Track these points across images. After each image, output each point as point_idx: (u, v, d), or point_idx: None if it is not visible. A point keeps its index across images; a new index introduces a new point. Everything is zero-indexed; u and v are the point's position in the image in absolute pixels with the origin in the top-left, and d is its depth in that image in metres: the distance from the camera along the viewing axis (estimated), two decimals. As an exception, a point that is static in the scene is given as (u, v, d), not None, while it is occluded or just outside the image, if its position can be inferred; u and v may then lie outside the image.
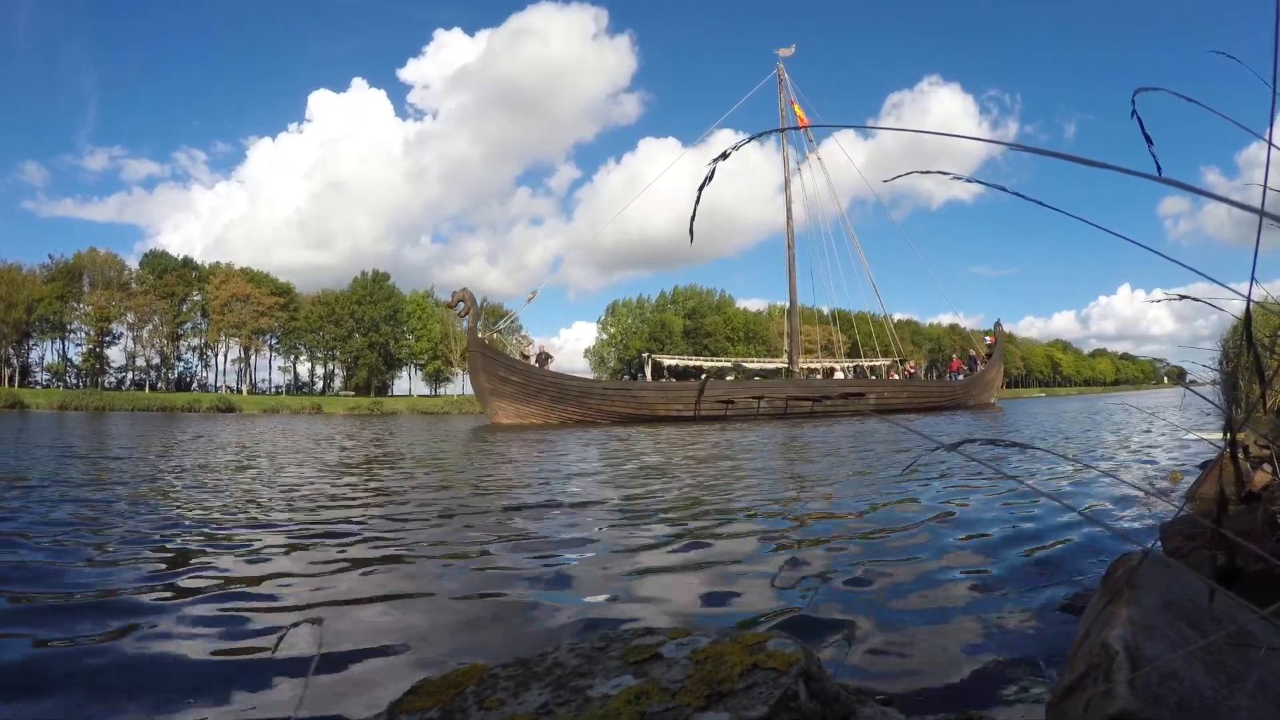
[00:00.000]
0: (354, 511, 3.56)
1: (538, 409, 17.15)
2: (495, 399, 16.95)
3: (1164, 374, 17.04)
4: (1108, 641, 0.83)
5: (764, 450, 7.42)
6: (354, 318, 68.27)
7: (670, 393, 19.10)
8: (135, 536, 2.86)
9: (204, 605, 1.89)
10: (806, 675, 0.82)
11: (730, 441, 8.99)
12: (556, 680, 0.87)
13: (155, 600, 1.94)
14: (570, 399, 17.59)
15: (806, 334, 41.35)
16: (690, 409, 18.36)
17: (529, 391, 17.15)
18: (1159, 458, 5.33)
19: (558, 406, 17.32)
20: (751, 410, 19.09)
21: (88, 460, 6.80)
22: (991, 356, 25.98)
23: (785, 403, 19.44)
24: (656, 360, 23.36)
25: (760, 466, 5.72)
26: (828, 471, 5.11)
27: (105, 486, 4.62)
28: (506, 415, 16.93)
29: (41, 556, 2.49)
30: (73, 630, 1.69)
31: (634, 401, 18.28)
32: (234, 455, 7.67)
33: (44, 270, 61.92)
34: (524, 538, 2.82)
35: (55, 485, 4.66)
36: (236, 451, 8.29)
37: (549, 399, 17.30)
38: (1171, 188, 0.55)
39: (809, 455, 6.62)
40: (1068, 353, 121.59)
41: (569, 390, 17.81)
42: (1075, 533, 2.57)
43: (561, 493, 4.20)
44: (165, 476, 5.32)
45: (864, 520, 3.04)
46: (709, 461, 6.14)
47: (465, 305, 16.95)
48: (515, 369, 17.28)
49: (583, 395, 17.87)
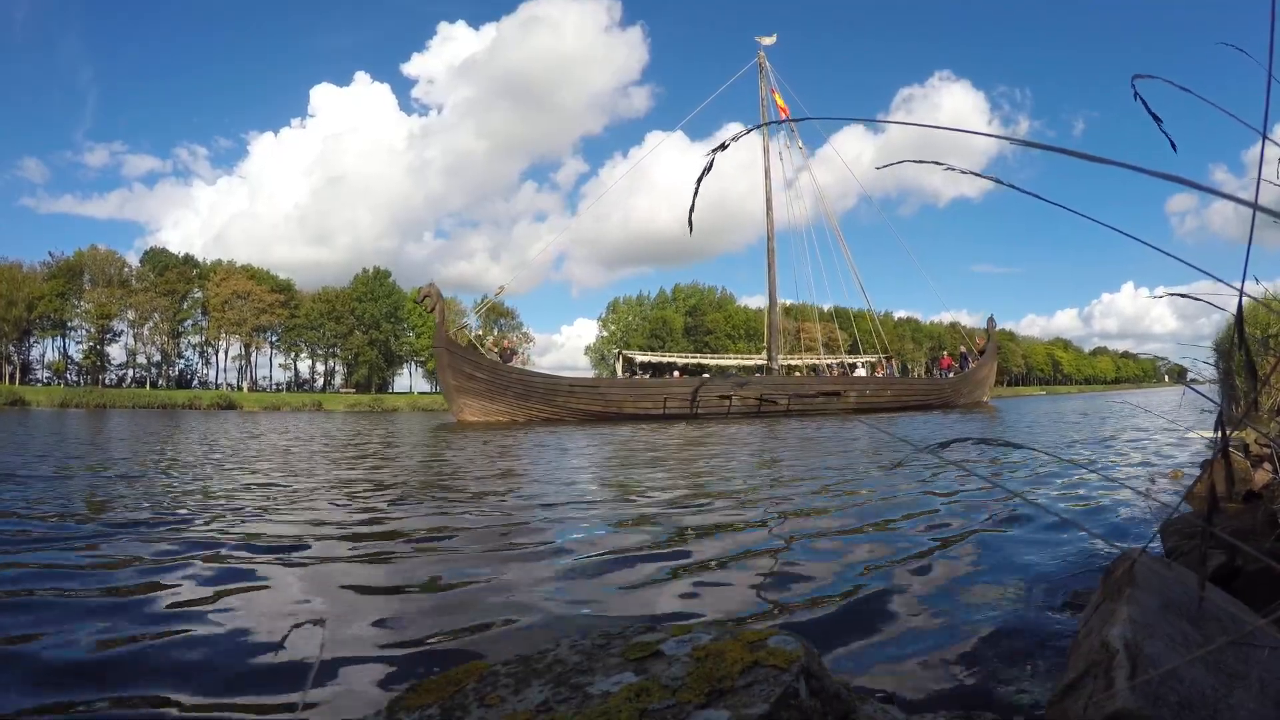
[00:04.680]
0: (350, 511, 3.56)
1: (504, 406, 16.94)
2: (461, 396, 16.74)
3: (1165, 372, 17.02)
4: (1107, 640, 0.83)
5: (726, 453, 7.42)
6: (355, 315, 68.30)
7: (639, 390, 18.81)
8: (134, 535, 2.86)
9: (203, 606, 1.90)
10: (807, 673, 0.82)
11: (695, 439, 8.99)
12: (557, 677, 0.87)
13: (154, 599, 1.94)
14: (537, 396, 17.33)
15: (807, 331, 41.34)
16: (660, 408, 18.11)
17: (495, 389, 16.92)
18: (1159, 456, 5.33)
19: (524, 404, 17.11)
20: (722, 409, 18.65)
21: (88, 458, 6.81)
22: (984, 353, 25.03)
23: (759, 402, 18.97)
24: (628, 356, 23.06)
25: (737, 464, 5.72)
26: (813, 468, 5.11)
27: (105, 482, 4.62)
28: (473, 413, 16.74)
29: (33, 557, 2.50)
30: (67, 626, 1.70)
31: (601, 399, 18.01)
32: (221, 454, 7.68)
33: (44, 268, 61.98)
34: (521, 535, 2.82)
35: (53, 481, 4.67)
36: (225, 450, 8.30)
37: (515, 396, 17.08)
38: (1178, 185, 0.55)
39: (784, 452, 6.62)
40: (1068, 351, 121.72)
41: (535, 388, 17.54)
42: (1074, 531, 2.57)
43: (556, 491, 4.21)
44: (164, 473, 5.33)
45: (859, 519, 3.04)
46: (692, 457, 6.15)
47: (431, 301, 16.74)
48: (481, 366, 17.02)
49: (549, 393, 17.59)
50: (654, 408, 18.11)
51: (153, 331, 64.30)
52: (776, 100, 23.79)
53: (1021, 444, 1.16)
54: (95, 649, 1.55)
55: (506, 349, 19.68)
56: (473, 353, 17.40)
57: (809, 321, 37.42)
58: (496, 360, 17.80)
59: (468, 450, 7.84)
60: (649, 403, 18.20)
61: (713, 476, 4.84)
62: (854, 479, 4.47)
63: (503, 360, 18.21)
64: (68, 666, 1.46)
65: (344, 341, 68.61)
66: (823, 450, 6.85)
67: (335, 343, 69.26)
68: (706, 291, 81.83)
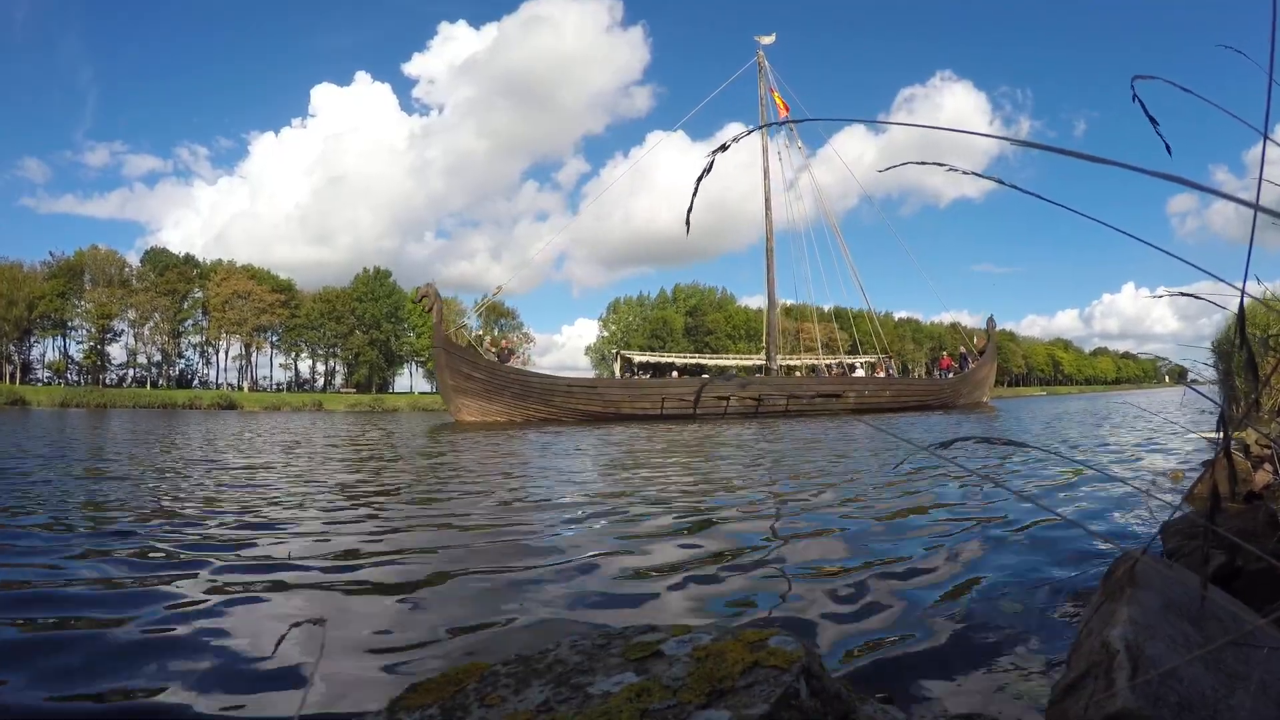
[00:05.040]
0: (348, 511, 3.56)
1: (502, 406, 16.93)
2: (459, 396, 16.74)
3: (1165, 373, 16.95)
4: (1108, 640, 0.83)
5: (725, 453, 7.42)
6: (355, 315, 68.29)
7: (636, 391, 18.79)
8: (132, 535, 2.86)
9: (202, 607, 1.90)
10: (807, 673, 0.82)
11: (693, 443, 8.98)
12: (557, 677, 0.87)
13: (153, 601, 1.94)
14: (534, 396, 17.32)
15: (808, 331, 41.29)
16: (657, 408, 18.09)
17: (492, 389, 16.91)
18: (1160, 457, 5.33)
19: (522, 404, 17.09)
20: (721, 409, 18.62)
21: (89, 458, 6.81)
22: (984, 354, 24.82)
23: (757, 402, 18.91)
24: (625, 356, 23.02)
25: (737, 465, 5.72)
26: (814, 469, 5.11)
27: (105, 480, 4.62)
28: (470, 413, 16.73)
29: (32, 559, 2.50)
30: (65, 627, 1.70)
31: (599, 400, 18.00)
32: (220, 455, 7.68)
33: (45, 267, 61.99)
34: (522, 536, 2.82)
35: (50, 482, 4.67)
36: (224, 451, 8.30)
37: (512, 396, 17.07)
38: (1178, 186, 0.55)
39: (784, 453, 6.62)
40: (1069, 351, 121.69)
41: (533, 388, 17.53)
42: (1075, 532, 2.57)
43: (556, 491, 4.21)
44: (164, 473, 5.33)
45: (858, 519, 3.04)
46: (691, 457, 6.14)
47: (429, 301, 16.74)
48: (479, 366, 17.00)
49: (547, 393, 17.57)
50: (652, 408, 18.09)
51: (153, 331, 64.30)
52: (776, 99, 23.72)
53: (1024, 443, 1.16)
54: (94, 651, 1.55)
55: (504, 349, 19.61)
56: (470, 353, 17.37)
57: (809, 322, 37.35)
58: (494, 360, 17.79)
59: (467, 451, 7.84)
60: (647, 403, 18.18)
61: (712, 477, 4.84)
62: (854, 479, 4.47)
63: (500, 360, 18.18)
64: (67, 668, 1.46)
65: (344, 341, 68.60)
66: (823, 451, 6.85)
67: (336, 343, 69.24)
68: (707, 292, 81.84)
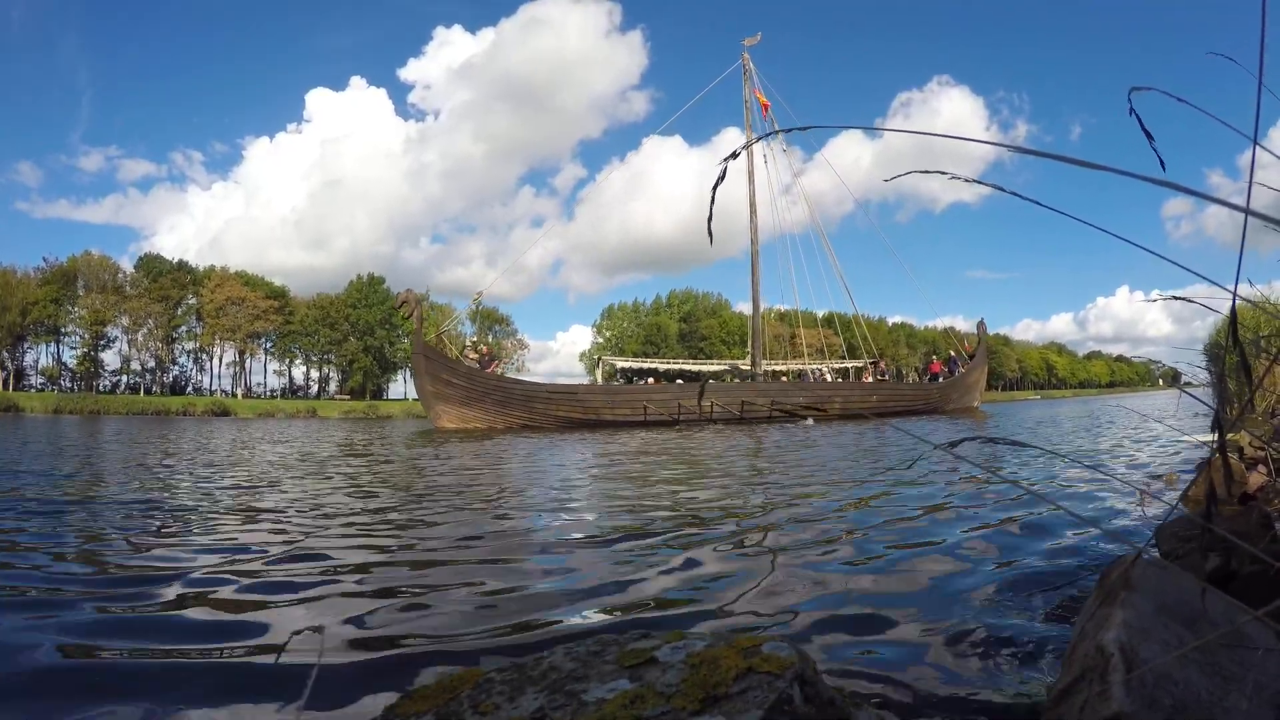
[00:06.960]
0: (345, 518, 3.55)
1: (481, 413, 16.85)
2: (439, 402, 16.66)
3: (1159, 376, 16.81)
4: (1103, 644, 0.83)
5: (715, 458, 7.42)
6: (349, 321, 68.18)
7: (617, 397, 18.77)
8: (131, 539, 2.84)
9: (199, 613, 1.88)
10: (801, 679, 0.82)
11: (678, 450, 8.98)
12: (552, 684, 0.86)
13: (153, 602, 1.93)
14: (515, 403, 17.27)
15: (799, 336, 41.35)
16: (640, 414, 18.07)
17: (473, 395, 16.84)
18: (1154, 459, 5.35)
19: (502, 410, 17.04)
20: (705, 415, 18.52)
21: (87, 462, 6.77)
22: (974, 358, 24.57)
23: (741, 407, 18.86)
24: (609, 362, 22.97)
25: (729, 469, 5.72)
26: (804, 472, 5.11)
27: (100, 485, 4.59)
28: (450, 419, 16.65)
29: (24, 559, 2.48)
30: (62, 635, 1.68)
31: (580, 406, 17.95)
32: (214, 461, 7.64)
33: (38, 273, 61.79)
34: (514, 543, 2.81)
35: (47, 485, 4.63)
36: (218, 457, 8.26)
37: (493, 403, 17.00)
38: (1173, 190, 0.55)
39: (775, 458, 6.62)
40: (1063, 355, 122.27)
41: (513, 394, 17.50)
42: (1069, 535, 2.58)
43: (547, 499, 4.20)
44: (160, 480, 5.30)
45: (852, 523, 3.04)
46: (678, 462, 6.14)
47: (409, 308, 16.64)
48: (458, 372, 16.94)
49: (527, 399, 17.54)
50: (633, 414, 18.06)
51: (147, 337, 64.07)
52: (759, 100, 23.64)
53: (1024, 442, 1.16)
54: (93, 654, 1.53)
55: (485, 355, 19.48)
56: (449, 359, 17.33)
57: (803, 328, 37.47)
58: (474, 367, 17.75)
59: (456, 458, 7.82)
60: (627, 409, 18.15)
61: (703, 481, 4.84)
62: (847, 482, 4.47)
63: (481, 367, 18.12)
64: (64, 670, 1.44)
65: (338, 348, 68.49)
66: (813, 455, 6.85)
67: (330, 349, 69.12)
68: (701, 298, 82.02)
